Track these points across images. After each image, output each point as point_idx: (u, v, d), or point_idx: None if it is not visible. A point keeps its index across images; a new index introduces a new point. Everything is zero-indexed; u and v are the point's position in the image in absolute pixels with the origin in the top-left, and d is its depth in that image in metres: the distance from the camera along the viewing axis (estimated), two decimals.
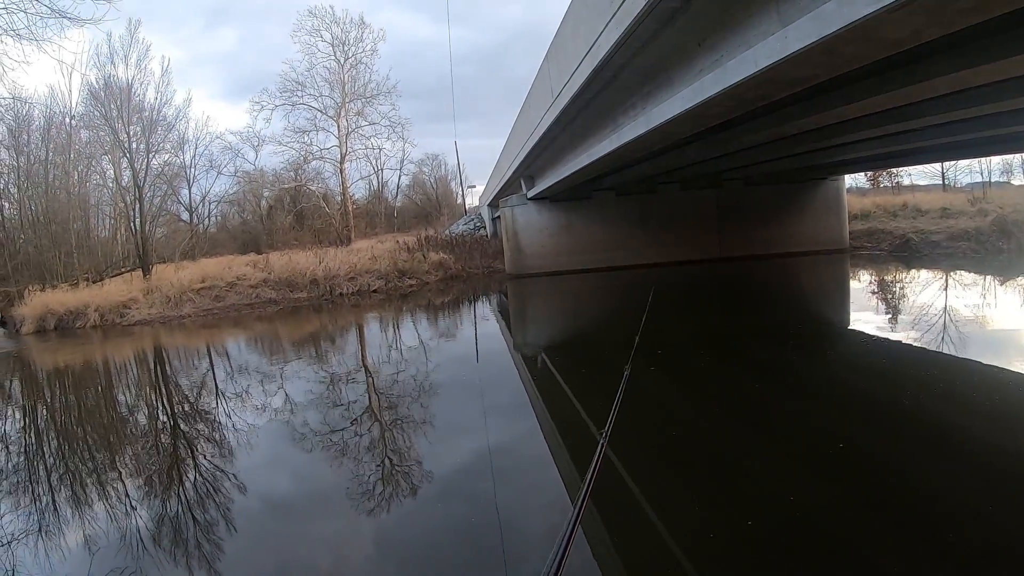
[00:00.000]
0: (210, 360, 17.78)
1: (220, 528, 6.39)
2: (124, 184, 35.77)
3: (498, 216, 34.57)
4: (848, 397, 9.05)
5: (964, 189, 40.53)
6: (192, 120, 62.39)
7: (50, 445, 10.94)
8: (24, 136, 35.64)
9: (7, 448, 10.49)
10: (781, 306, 18.37)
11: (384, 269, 30.89)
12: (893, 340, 12.24)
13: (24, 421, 12.79)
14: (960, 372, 9.76)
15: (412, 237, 38.65)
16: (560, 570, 1.58)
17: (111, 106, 34.91)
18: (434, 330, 19.48)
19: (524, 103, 22.44)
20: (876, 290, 19.53)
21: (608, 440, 3.66)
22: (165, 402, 13.32)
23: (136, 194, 33.95)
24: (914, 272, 21.86)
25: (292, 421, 10.25)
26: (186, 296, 28.02)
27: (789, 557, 4.99)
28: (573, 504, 3.08)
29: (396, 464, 7.88)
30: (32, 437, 11.45)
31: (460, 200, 67.64)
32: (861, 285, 21.13)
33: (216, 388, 13.66)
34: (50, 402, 14.61)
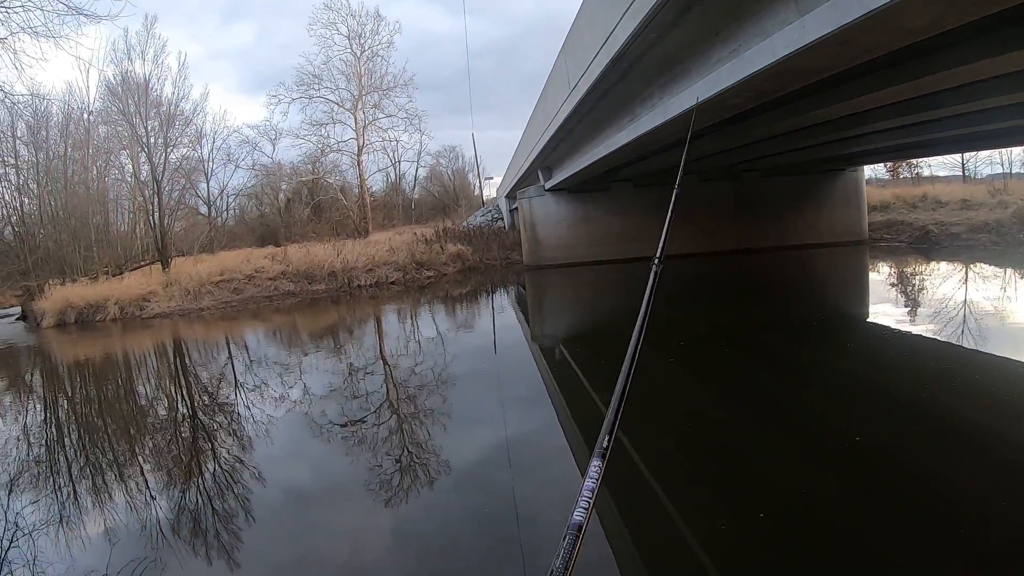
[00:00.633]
0: (229, 352, 17.88)
1: (239, 519, 6.42)
2: (142, 178, 35.89)
3: (515, 207, 34.57)
4: (866, 391, 8.98)
5: (984, 180, 39.90)
6: (209, 114, 62.67)
7: (71, 437, 11.03)
8: (43, 132, 35.88)
9: (29, 440, 10.57)
10: (800, 298, 18.26)
11: (402, 261, 30.97)
12: (912, 333, 12.16)
13: (45, 414, 12.90)
14: (979, 366, 9.68)
15: (430, 229, 38.66)
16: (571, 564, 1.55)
17: (129, 101, 35.14)
18: (452, 321, 19.51)
19: (541, 94, 22.41)
20: (895, 282, 19.38)
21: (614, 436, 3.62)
22: (185, 394, 13.41)
23: (154, 188, 34.13)
24: (933, 264, 21.68)
25: (311, 412, 10.29)
26: (205, 289, 28.18)
27: (800, 548, 4.97)
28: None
29: (414, 455, 7.90)
30: (53, 429, 11.54)
31: (477, 192, 67.43)
32: (880, 277, 21.00)
33: (235, 380, 13.73)
34: (71, 395, 14.73)
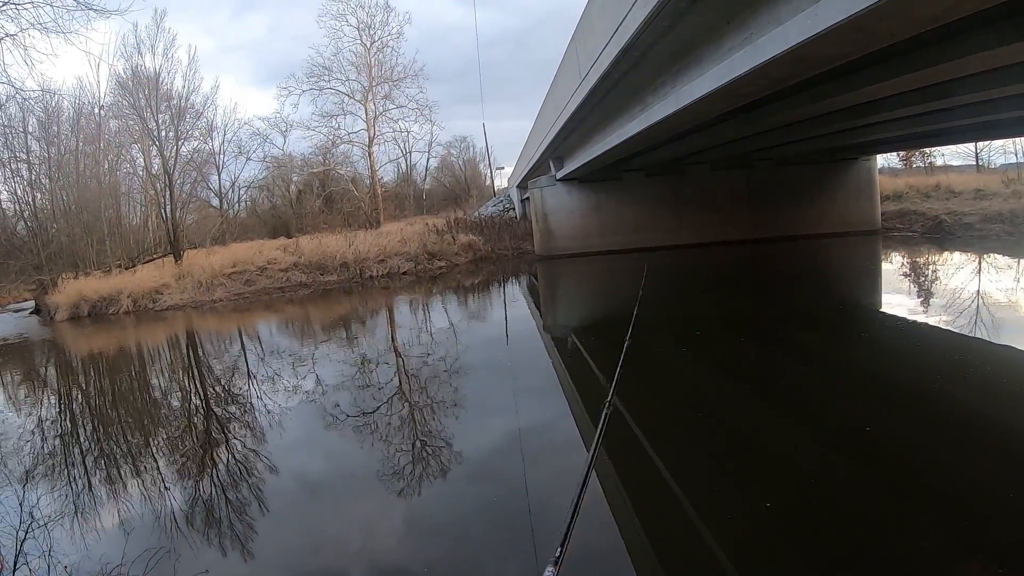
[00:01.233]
0: (242, 343, 17.94)
1: (253, 508, 6.45)
2: (154, 172, 36.06)
3: (527, 198, 34.54)
4: (878, 381, 8.95)
5: (998, 170, 39.64)
6: (220, 107, 62.85)
7: (85, 429, 11.09)
8: (54, 127, 36.25)
9: (44, 433, 10.63)
10: (813, 288, 18.14)
11: (414, 251, 31.00)
12: (925, 324, 12.09)
13: (60, 406, 12.97)
14: (992, 358, 9.63)
15: (441, 219, 38.66)
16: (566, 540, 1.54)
17: (139, 95, 35.22)
18: (464, 312, 19.52)
19: (552, 84, 22.36)
20: (908, 272, 19.27)
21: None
22: (198, 385, 13.46)
23: (166, 181, 34.17)
24: (947, 254, 21.53)
25: (323, 403, 10.33)
26: (217, 281, 28.26)
27: (804, 536, 4.97)
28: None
29: (427, 445, 7.91)
30: (68, 421, 11.61)
31: (489, 182, 67.33)
32: (893, 267, 20.89)
33: (248, 371, 13.77)
34: (85, 387, 14.80)
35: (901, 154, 45.94)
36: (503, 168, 65.97)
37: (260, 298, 26.69)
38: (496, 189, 62.30)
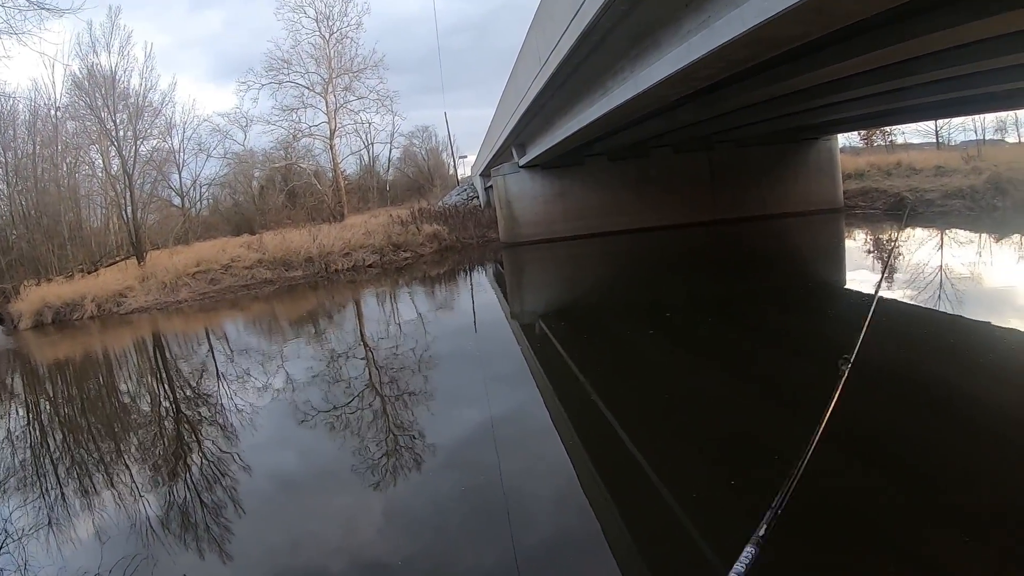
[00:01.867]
0: (210, 344, 17.82)
1: (229, 510, 6.45)
2: (113, 172, 35.37)
3: (491, 185, 34.50)
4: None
5: (958, 147, 40.10)
6: (179, 104, 62.11)
7: (55, 439, 10.99)
8: (10, 131, 35.45)
9: (13, 445, 10.52)
10: (777, 268, 18.32)
11: (378, 243, 30.82)
12: (889, 299, 12.22)
13: (28, 417, 12.82)
14: (955, 330, 9.79)
15: (405, 210, 38.50)
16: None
17: (96, 95, 34.46)
18: (431, 302, 19.53)
19: (512, 71, 22.33)
20: (872, 249, 19.49)
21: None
22: (167, 388, 13.38)
23: (126, 182, 33.57)
24: (909, 231, 21.80)
25: (295, 400, 10.32)
26: (182, 281, 27.95)
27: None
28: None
29: (400, 438, 7.95)
30: (37, 432, 11.49)
31: (452, 171, 67.20)
32: (856, 244, 21.14)
33: (217, 371, 13.70)
34: (53, 396, 14.65)
35: (862, 133, 46.31)
36: (466, 157, 65.89)
37: (226, 297, 26.49)
38: (460, 178, 62.21)
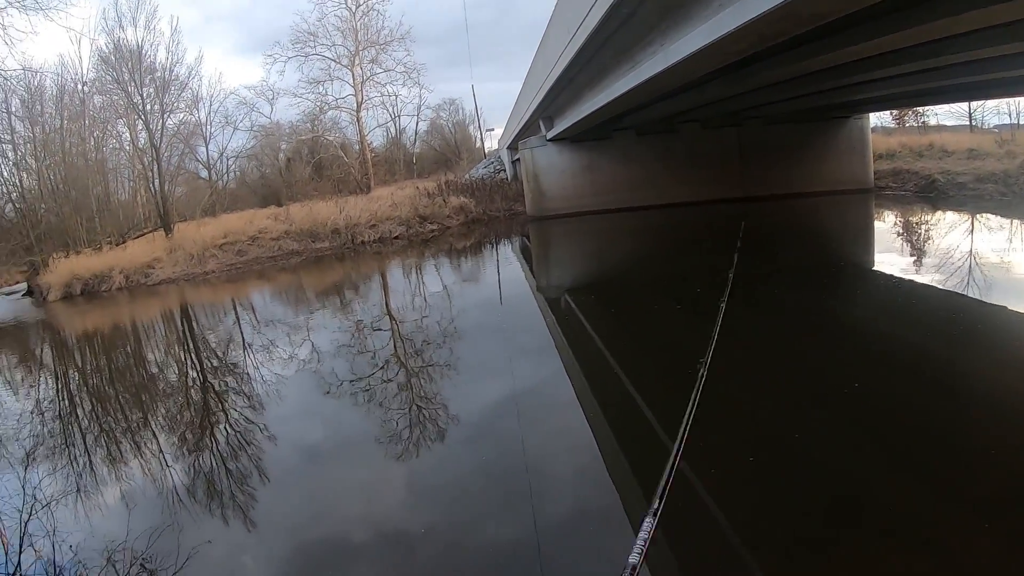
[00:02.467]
0: (236, 314, 17.93)
1: (253, 479, 6.51)
2: (141, 146, 35.81)
3: (518, 159, 34.35)
4: (869, 339, 8.99)
5: (992, 131, 39.33)
6: (205, 78, 62.31)
7: (84, 408, 11.10)
8: (38, 106, 35.68)
9: (42, 413, 10.64)
10: (806, 247, 18.06)
11: (405, 215, 30.85)
12: (918, 283, 12.04)
13: (57, 386, 12.96)
14: (983, 316, 9.66)
15: (432, 183, 38.38)
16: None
17: (123, 69, 34.67)
18: (457, 275, 19.54)
19: (540, 43, 22.16)
20: (901, 231, 19.19)
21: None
22: (194, 358, 13.48)
23: (153, 155, 33.88)
24: (940, 214, 21.40)
25: (320, 370, 10.37)
26: (209, 252, 28.15)
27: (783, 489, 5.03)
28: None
29: (424, 409, 7.96)
30: (66, 401, 11.62)
31: (479, 144, 66.87)
32: (886, 226, 20.83)
33: (244, 341, 13.78)
34: (82, 366, 14.81)
35: (894, 113, 45.54)
36: (493, 130, 65.51)
37: (252, 268, 26.65)
38: (486, 151, 61.96)
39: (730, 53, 11.16)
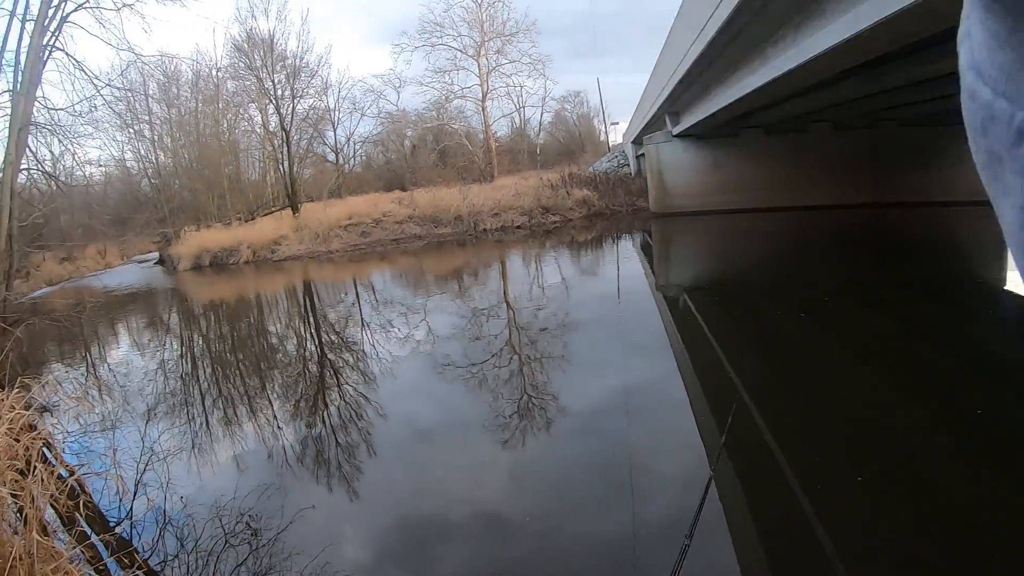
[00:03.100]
0: (356, 293, 18.25)
1: (361, 451, 6.61)
2: (271, 129, 37.42)
3: (642, 153, 33.99)
4: (1001, 361, 8.49)
5: None
6: (334, 66, 63.60)
7: (205, 371, 11.51)
8: (174, 90, 38.19)
9: (166, 374, 11.05)
10: (941, 259, 17.18)
11: (527, 205, 30.95)
12: None
13: (182, 349, 13.46)
14: None
15: (555, 174, 38.26)
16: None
17: (255, 56, 36.38)
18: (576, 267, 19.44)
19: (667, 37, 21.82)
20: None
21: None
22: (313, 332, 13.78)
23: (283, 138, 35.15)
24: None
25: (434, 352, 10.44)
26: (334, 232, 28.86)
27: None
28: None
29: (533, 398, 7.90)
30: (189, 364, 12.05)
31: (603, 137, 66.51)
32: None
33: (362, 319, 14.02)
34: (205, 332, 15.34)
35: None
36: (617, 123, 64.97)
37: (375, 249, 27.16)
38: (610, 144, 61.59)
39: (867, 50, 10.74)
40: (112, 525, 5.45)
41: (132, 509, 5.67)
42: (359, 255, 26.25)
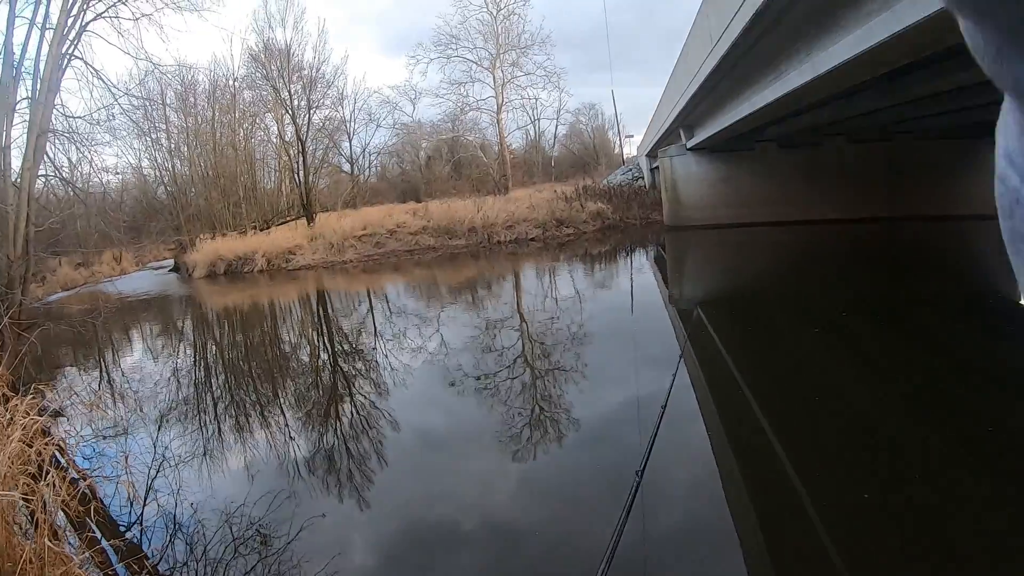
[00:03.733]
0: (370, 303, 18.30)
1: (372, 460, 6.61)
2: (287, 139, 37.63)
3: (656, 166, 34.01)
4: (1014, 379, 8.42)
5: None
6: (350, 76, 64.25)
7: (217, 378, 11.55)
8: (191, 99, 38.29)
9: (178, 381, 11.09)
10: (957, 275, 17.12)
11: (542, 218, 30.98)
12: None
13: (195, 356, 13.51)
14: None
15: (570, 187, 38.33)
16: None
17: (271, 67, 36.85)
18: (590, 280, 19.42)
19: (682, 51, 21.83)
20: None
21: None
22: (326, 341, 13.82)
23: (299, 148, 35.55)
24: None
25: (446, 363, 10.43)
26: (348, 243, 28.97)
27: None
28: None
29: (545, 410, 7.89)
30: (202, 371, 12.09)
31: (618, 150, 66.54)
32: None
33: (375, 329, 14.04)
34: (219, 339, 15.39)
35: None
36: (632, 136, 64.98)
37: (389, 260, 27.24)
38: (625, 157, 61.61)
39: (882, 63, 10.70)
40: (122, 530, 5.47)
41: (143, 515, 5.69)
42: (373, 266, 26.33)
